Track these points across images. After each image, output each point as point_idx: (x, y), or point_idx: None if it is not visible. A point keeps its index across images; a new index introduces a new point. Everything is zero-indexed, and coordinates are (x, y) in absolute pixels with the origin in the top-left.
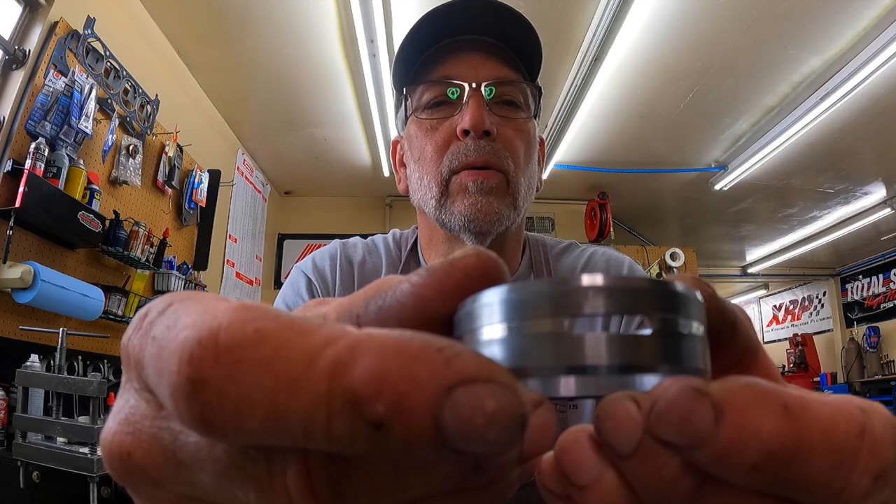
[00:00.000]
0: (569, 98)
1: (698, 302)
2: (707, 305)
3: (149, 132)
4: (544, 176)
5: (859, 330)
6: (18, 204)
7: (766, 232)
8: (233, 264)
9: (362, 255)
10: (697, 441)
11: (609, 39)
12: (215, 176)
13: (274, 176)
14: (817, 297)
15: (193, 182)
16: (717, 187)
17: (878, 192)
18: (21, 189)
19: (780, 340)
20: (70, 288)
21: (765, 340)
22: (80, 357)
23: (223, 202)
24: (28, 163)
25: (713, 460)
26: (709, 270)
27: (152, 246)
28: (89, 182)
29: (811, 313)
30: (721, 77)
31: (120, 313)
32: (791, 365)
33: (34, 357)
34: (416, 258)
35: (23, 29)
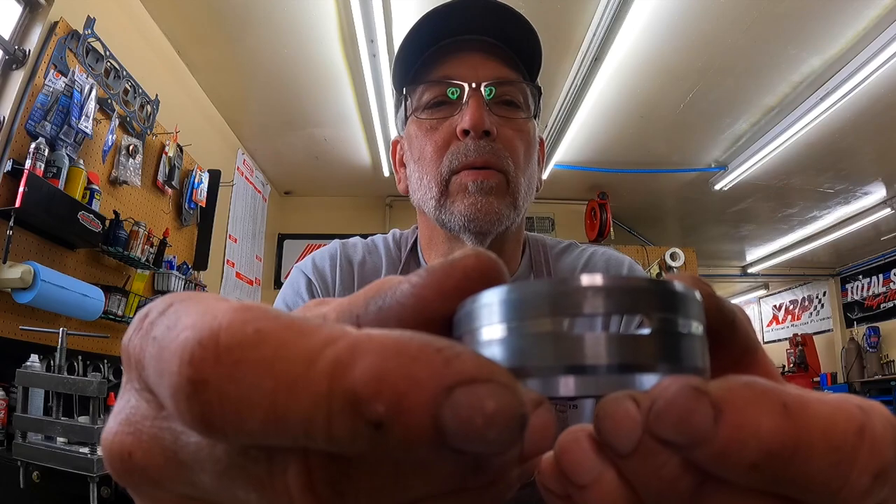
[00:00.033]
0: (569, 98)
1: (697, 301)
2: (706, 305)
3: (149, 132)
4: (544, 176)
5: (859, 330)
6: (18, 204)
7: (766, 232)
8: (233, 264)
9: (362, 256)
10: (697, 440)
11: (609, 39)
12: (215, 176)
13: (274, 176)
14: (817, 297)
15: (193, 182)
16: (717, 187)
17: (878, 192)
18: (21, 189)
19: (780, 340)
20: (70, 288)
21: (765, 340)
22: (80, 357)
23: (223, 202)
24: (28, 163)
25: (713, 459)
26: (709, 270)
27: (152, 246)
28: (89, 182)
29: (811, 313)
30: (721, 77)
31: (120, 313)
32: (791, 365)
33: (34, 357)
34: (416, 258)
35: (23, 29)
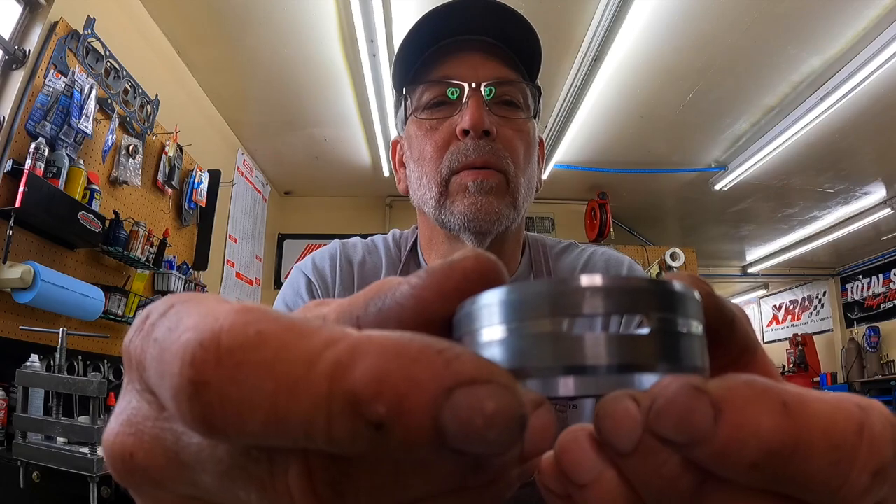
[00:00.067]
0: (569, 98)
1: (696, 301)
2: (705, 304)
3: (149, 132)
4: (544, 176)
5: (859, 330)
6: (18, 204)
7: (766, 232)
8: (233, 264)
9: (362, 256)
10: (697, 439)
11: (609, 39)
12: (215, 176)
13: (274, 176)
14: (817, 297)
15: (193, 182)
16: (717, 187)
17: (878, 192)
18: (21, 189)
19: (780, 340)
20: (70, 288)
21: (765, 340)
22: (80, 357)
23: (223, 202)
24: (28, 163)
25: (712, 458)
26: (709, 270)
27: (152, 246)
28: (89, 182)
29: (811, 313)
30: (721, 77)
31: (120, 313)
32: (791, 365)
33: (34, 357)
34: (416, 258)
35: (23, 29)
